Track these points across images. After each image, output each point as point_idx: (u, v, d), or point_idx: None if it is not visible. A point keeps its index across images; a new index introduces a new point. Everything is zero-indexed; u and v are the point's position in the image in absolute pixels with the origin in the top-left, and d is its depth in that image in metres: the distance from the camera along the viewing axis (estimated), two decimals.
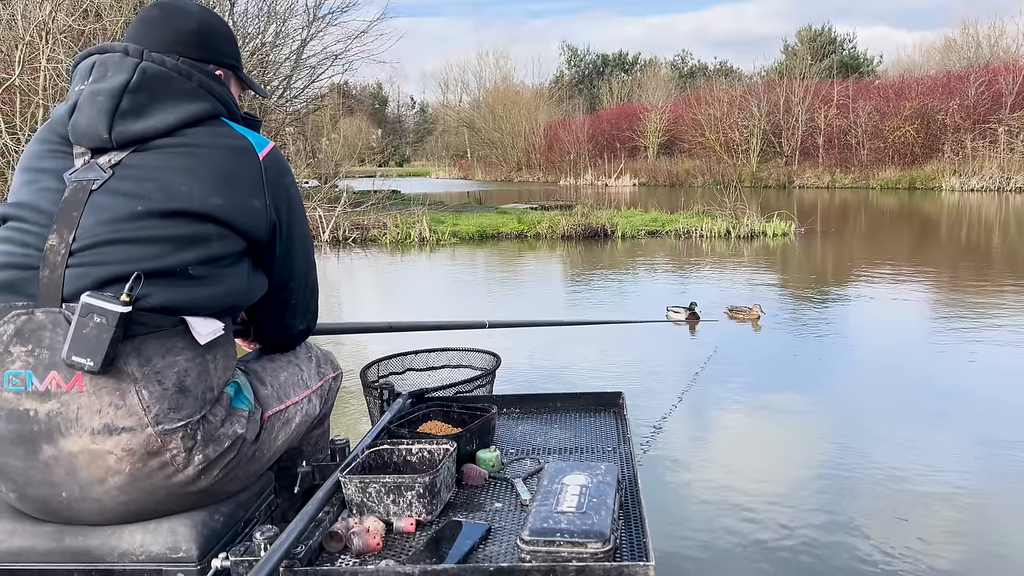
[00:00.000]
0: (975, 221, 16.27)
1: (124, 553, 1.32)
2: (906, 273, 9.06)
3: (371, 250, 12.49)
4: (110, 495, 1.30)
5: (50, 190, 1.34)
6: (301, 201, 1.58)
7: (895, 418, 3.98)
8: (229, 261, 1.40)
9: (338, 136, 22.77)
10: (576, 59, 59.70)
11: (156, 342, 1.30)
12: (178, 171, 1.35)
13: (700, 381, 4.69)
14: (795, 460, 3.50)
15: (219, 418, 1.38)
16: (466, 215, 16.09)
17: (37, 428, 1.27)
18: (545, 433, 1.95)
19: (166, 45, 1.43)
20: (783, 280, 8.84)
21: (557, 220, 13.76)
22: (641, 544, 1.31)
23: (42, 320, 1.27)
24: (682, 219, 14.18)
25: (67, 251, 1.28)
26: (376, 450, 1.58)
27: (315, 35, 16.78)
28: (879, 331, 6.17)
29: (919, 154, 28.39)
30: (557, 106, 48.28)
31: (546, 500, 1.34)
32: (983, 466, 3.37)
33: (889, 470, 3.31)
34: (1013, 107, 26.47)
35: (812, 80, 33.32)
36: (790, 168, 31.78)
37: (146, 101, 1.37)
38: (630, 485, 1.56)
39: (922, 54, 42.30)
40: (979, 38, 35.99)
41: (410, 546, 1.37)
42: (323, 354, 1.83)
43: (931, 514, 2.93)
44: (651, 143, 37.91)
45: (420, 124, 69.23)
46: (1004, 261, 10.37)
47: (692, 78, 49.60)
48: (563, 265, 10.80)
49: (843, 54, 44.68)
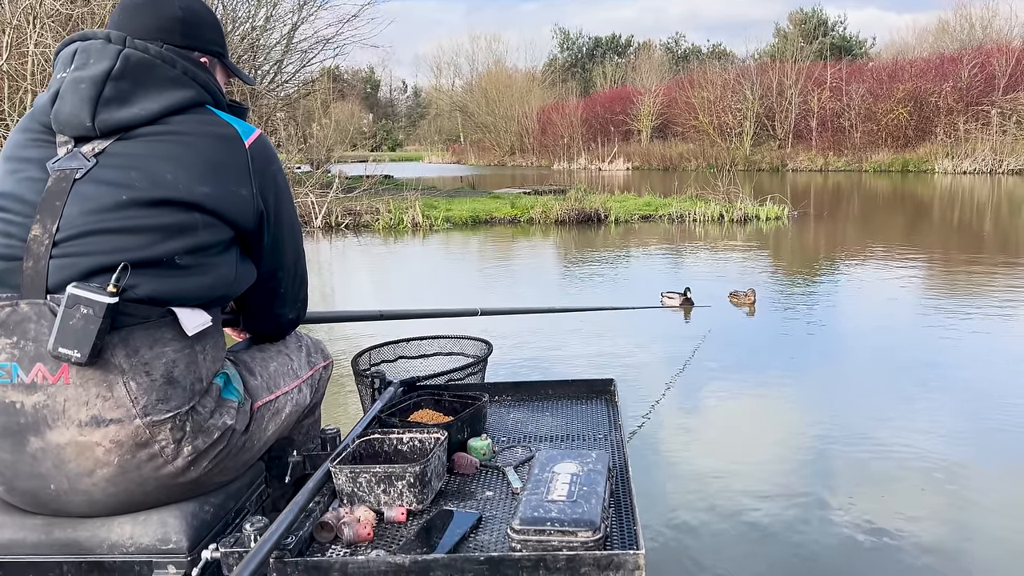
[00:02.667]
0: (967, 203, 16.30)
1: (114, 545, 1.32)
2: (898, 256, 9.08)
3: (364, 236, 12.45)
4: (99, 487, 1.29)
5: (33, 180, 1.32)
6: (289, 189, 1.56)
7: (887, 400, 3.99)
8: (217, 250, 1.39)
9: (330, 121, 22.61)
10: (569, 42, 59.47)
11: (143, 333, 1.29)
12: (163, 159, 1.33)
13: (692, 367, 4.70)
14: (786, 445, 3.52)
15: (208, 409, 1.37)
16: (459, 200, 16.03)
17: (24, 420, 1.26)
18: (536, 421, 1.95)
19: (149, 32, 1.41)
20: (776, 264, 8.85)
21: (550, 205, 13.72)
22: (632, 532, 1.32)
23: (27, 312, 1.25)
24: (675, 203, 14.15)
25: (51, 241, 1.27)
26: (367, 439, 1.58)
27: (306, 19, 16.68)
28: (871, 313, 6.18)
29: (912, 137, 28.44)
30: (550, 90, 48.14)
31: (537, 489, 1.34)
32: (972, 446, 3.39)
33: (882, 452, 3.33)
34: (1006, 89, 26.50)
35: (805, 63, 33.26)
36: (783, 151, 31.80)
37: (129, 88, 1.35)
38: (621, 473, 1.56)
39: (915, 36, 42.29)
40: (972, 20, 35.97)
41: (401, 536, 1.36)
42: (313, 343, 1.82)
43: (922, 494, 2.95)
44: (645, 127, 37.86)
45: (413, 108, 68.92)
46: (996, 243, 10.40)
47: (686, 61, 49.44)
48: (556, 250, 10.78)
49: (834, 36, 44.56)
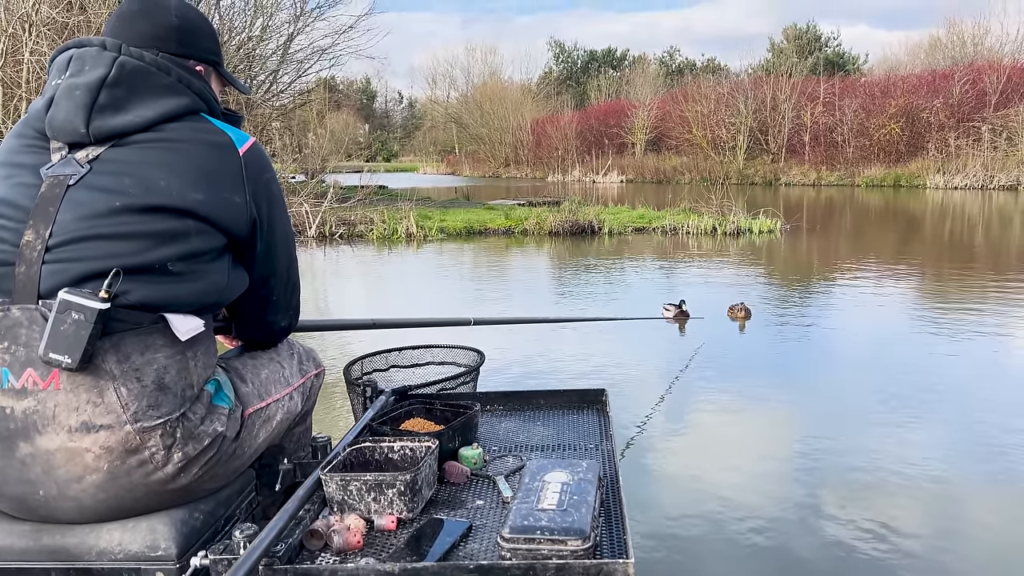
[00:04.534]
0: (959, 218, 16.39)
1: (102, 552, 1.31)
2: (890, 270, 9.12)
3: (358, 245, 12.44)
4: (88, 493, 1.29)
5: (26, 185, 1.33)
6: (283, 197, 1.57)
7: (878, 412, 4.00)
8: (209, 257, 1.39)
9: (325, 131, 22.66)
10: (564, 55, 59.74)
11: (135, 339, 1.29)
12: (157, 166, 1.34)
13: (684, 378, 4.71)
14: (778, 456, 3.52)
15: (199, 416, 1.37)
16: (453, 211, 16.05)
17: (13, 426, 1.25)
18: (528, 430, 1.96)
19: (145, 40, 1.42)
20: (769, 277, 8.87)
21: (544, 216, 13.74)
22: (621, 541, 1.32)
23: (18, 317, 1.25)
24: (669, 216, 14.19)
25: (43, 247, 1.27)
26: (358, 448, 1.58)
27: (302, 30, 16.76)
28: (863, 327, 6.21)
29: (904, 152, 28.58)
30: (545, 102, 48.31)
31: (527, 498, 1.34)
32: (963, 458, 3.40)
33: (873, 464, 3.33)
34: (997, 106, 26.70)
35: (798, 77, 33.47)
36: (776, 165, 31.91)
37: (124, 95, 1.35)
38: (611, 482, 1.56)
39: (907, 52, 42.63)
40: (964, 37, 36.26)
41: (391, 544, 1.36)
42: (305, 351, 1.82)
43: (913, 506, 2.96)
44: (639, 140, 37.97)
45: (408, 119, 69.02)
46: (986, 258, 10.46)
47: (680, 75, 49.67)
48: (550, 261, 10.80)
49: (828, 52, 44.90)
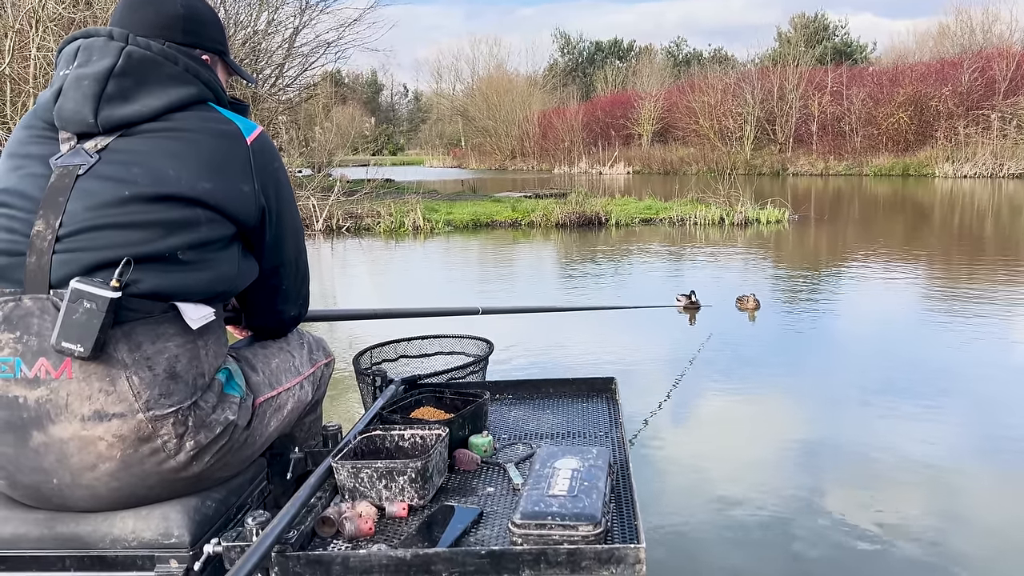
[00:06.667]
0: (968, 207, 16.30)
1: (116, 539, 1.32)
2: (899, 259, 9.08)
3: (365, 239, 12.46)
4: (101, 481, 1.30)
5: (36, 176, 1.33)
6: (290, 186, 1.57)
7: (887, 404, 3.99)
8: (219, 246, 1.40)
9: (331, 125, 22.65)
10: (569, 47, 59.53)
11: (146, 328, 1.30)
12: (165, 155, 1.34)
13: (694, 368, 4.70)
14: (787, 444, 3.52)
15: (210, 404, 1.37)
16: (460, 203, 16.04)
17: (26, 415, 1.26)
18: (537, 418, 1.96)
19: (151, 29, 1.42)
20: (777, 267, 8.85)
21: (551, 208, 13.72)
22: (632, 527, 1.32)
23: (30, 307, 1.26)
24: (676, 207, 14.16)
25: (54, 237, 1.27)
26: (368, 436, 1.58)
27: (307, 23, 16.72)
28: (872, 318, 6.19)
29: (912, 141, 28.42)
30: (551, 94, 48.14)
31: (538, 484, 1.34)
32: (972, 451, 3.40)
33: (882, 454, 3.33)
34: (1006, 93, 26.50)
35: (806, 67, 33.28)
36: (784, 155, 31.79)
37: (132, 85, 1.35)
38: (622, 469, 1.56)
39: (916, 40, 42.33)
40: (973, 24, 36.00)
41: (402, 530, 1.37)
42: (315, 340, 1.83)
43: (923, 499, 2.95)
44: (645, 131, 37.86)
45: (414, 112, 68.97)
46: (996, 247, 10.40)
47: (687, 65, 49.46)
48: (557, 253, 10.79)
49: (836, 41, 44.64)
